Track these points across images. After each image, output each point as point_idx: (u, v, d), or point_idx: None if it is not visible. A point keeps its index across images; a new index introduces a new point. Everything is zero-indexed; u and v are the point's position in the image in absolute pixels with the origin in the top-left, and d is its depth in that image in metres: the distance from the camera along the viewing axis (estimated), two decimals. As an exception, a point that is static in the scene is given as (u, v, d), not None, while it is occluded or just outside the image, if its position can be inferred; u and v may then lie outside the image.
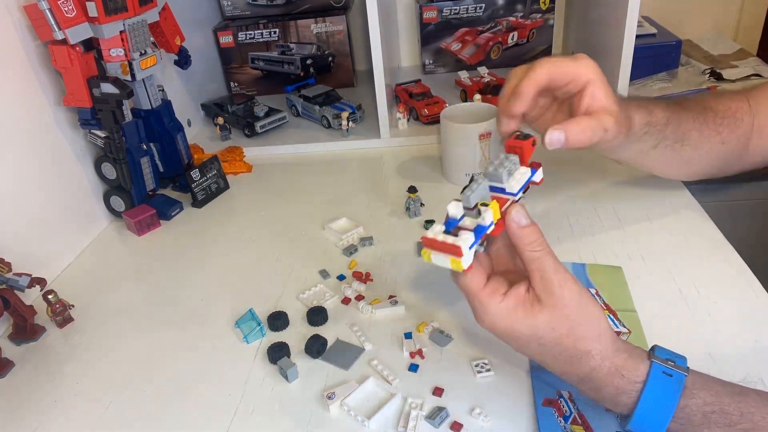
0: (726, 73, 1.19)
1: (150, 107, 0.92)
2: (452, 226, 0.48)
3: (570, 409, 0.53)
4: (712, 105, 0.70)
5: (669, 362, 0.47)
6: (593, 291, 0.67)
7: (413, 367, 0.60)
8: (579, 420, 0.52)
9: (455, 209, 0.49)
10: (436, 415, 0.53)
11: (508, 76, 0.60)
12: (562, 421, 0.52)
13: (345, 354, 0.62)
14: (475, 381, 0.58)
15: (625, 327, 0.63)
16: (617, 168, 0.89)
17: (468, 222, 0.48)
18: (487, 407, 0.54)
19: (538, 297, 0.47)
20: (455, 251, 0.46)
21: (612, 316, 0.64)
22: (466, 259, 0.46)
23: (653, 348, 0.49)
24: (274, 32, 1.32)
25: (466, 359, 0.60)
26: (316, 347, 0.62)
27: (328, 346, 0.63)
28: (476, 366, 0.59)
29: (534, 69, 0.56)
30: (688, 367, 0.48)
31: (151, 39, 0.88)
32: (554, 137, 0.54)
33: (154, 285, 0.78)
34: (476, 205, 0.48)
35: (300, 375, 0.61)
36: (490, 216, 0.48)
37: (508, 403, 0.55)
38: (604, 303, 0.66)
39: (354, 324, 0.66)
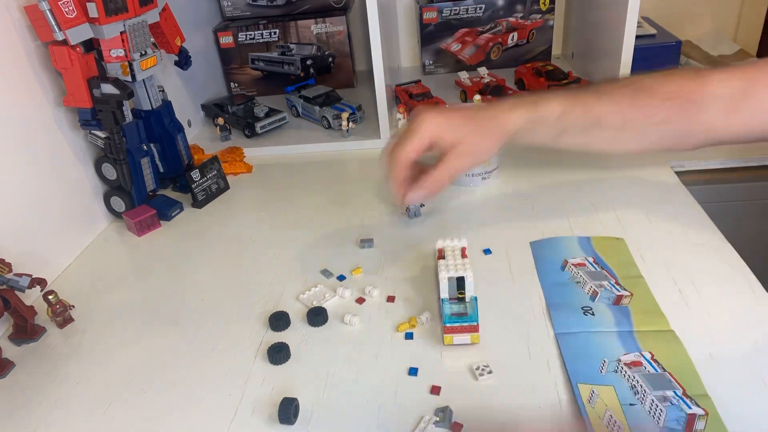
0: (726, 74, 1.19)
1: (150, 108, 0.92)
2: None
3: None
4: (647, 86, 0.68)
5: None
6: (590, 259, 0.71)
7: (413, 371, 0.60)
8: None
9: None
10: (444, 417, 0.53)
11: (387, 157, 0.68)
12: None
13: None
14: (476, 383, 0.58)
15: (626, 290, 0.65)
16: (617, 168, 0.89)
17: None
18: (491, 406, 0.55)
19: None
20: (472, 329, 0.61)
21: (612, 282, 0.67)
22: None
23: None
24: (274, 33, 1.32)
25: (465, 362, 0.60)
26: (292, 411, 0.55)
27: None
28: (477, 370, 0.58)
29: (393, 157, 0.66)
30: None
31: (152, 39, 0.88)
32: (413, 196, 0.67)
33: (155, 285, 0.78)
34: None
35: (299, 374, 0.61)
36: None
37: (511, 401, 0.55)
38: (606, 270, 0.69)
39: (354, 324, 0.66)
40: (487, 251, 0.76)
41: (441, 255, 0.66)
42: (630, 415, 0.52)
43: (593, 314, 0.63)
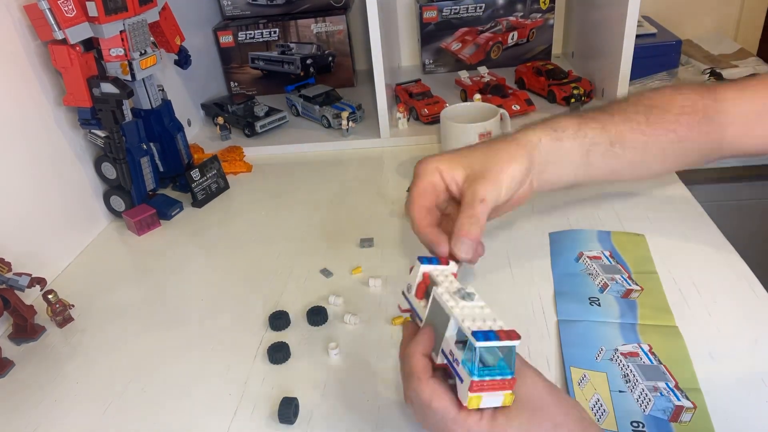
0: (726, 73, 1.19)
1: (150, 107, 0.92)
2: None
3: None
4: (659, 102, 0.64)
5: None
6: (607, 253, 0.72)
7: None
8: None
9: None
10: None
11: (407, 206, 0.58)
12: None
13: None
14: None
15: (637, 285, 0.66)
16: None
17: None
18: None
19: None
20: (507, 384, 0.41)
21: (624, 276, 0.68)
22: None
23: None
24: (274, 32, 1.32)
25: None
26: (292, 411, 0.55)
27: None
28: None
29: (410, 209, 0.56)
30: None
31: (151, 39, 0.88)
32: (464, 249, 0.52)
33: (154, 285, 0.78)
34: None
35: (299, 374, 0.61)
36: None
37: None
38: (621, 264, 0.70)
39: (353, 323, 0.66)
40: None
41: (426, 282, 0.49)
42: (617, 402, 0.52)
43: (599, 305, 0.64)
